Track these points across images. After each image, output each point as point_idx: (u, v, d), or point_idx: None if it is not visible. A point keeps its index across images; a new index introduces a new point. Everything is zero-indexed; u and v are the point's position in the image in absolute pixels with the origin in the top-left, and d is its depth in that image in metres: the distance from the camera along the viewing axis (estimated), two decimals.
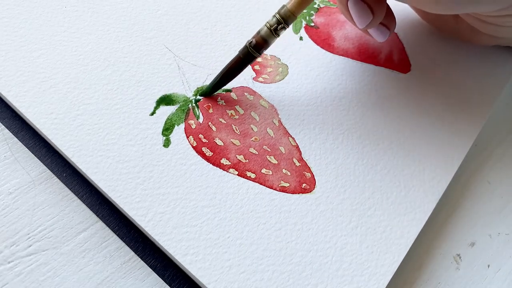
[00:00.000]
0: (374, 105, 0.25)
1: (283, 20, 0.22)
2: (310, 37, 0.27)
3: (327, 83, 0.25)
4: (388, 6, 0.23)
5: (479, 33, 0.26)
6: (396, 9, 0.29)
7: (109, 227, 0.21)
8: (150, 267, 0.20)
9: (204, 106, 0.23)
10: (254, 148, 0.22)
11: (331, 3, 0.29)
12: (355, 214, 0.21)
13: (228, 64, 0.23)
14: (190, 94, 0.24)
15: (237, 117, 0.23)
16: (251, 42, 0.22)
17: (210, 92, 0.24)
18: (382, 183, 0.22)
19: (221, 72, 0.23)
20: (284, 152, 0.22)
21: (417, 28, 0.29)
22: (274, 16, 0.22)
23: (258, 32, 0.22)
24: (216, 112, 0.23)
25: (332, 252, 0.20)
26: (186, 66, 0.25)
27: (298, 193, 0.21)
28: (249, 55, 0.22)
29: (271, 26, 0.22)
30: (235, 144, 0.22)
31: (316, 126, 0.24)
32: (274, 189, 0.21)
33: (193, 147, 0.22)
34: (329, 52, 0.27)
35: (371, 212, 0.21)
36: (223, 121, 0.23)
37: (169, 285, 0.20)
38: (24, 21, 0.25)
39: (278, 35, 0.22)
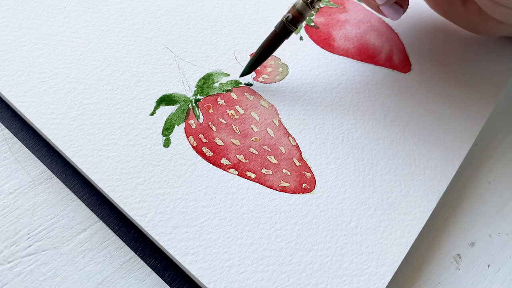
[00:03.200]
0: (374, 105, 0.25)
1: None
2: (310, 37, 0.27)
3: (327, 83, 0.25)
4: None
5: (487, 19, 0.25)
6: None
7: (109, 227, 0.21)
8: (150, 267, 0.20)
9: (204, 106, 0.23)
10: (254, 148, 0.22)
11: (331, 3, 0.29)
12: (355, 214, 0.21)
13: (265, 41, 0.23)
14: (190, 94, 0.24)
15: (237, 117, 0.23)
16: (288, 16, 0.23)
17: (250, 70, 0.24)
18: (382, 183, 0.22)
19: (259, 49, 0.24)
20: (284, 152, 0.22)
21: (417, 28, 0.29)
22: None
23: (294, 6, 0.23)
24: (216, 112, 0.23)
25: (332, 252, 0.20)
26: (186, 66, 0.25)
27: (298, 193, 0.21)
28: (285, 29, 0.23)
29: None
30: (235, 144, 0.22)
31: (316, 126, 0.24)
32: (274, 189, 0.21)
33: (193, 147, 0.22)
34: (329, 52, 0.27)
35: (371, 212, 0.21)
36: (223, 121, 0.23)
37: (169, 285, 0.20)
38: (24, 21, 0.25)
39: (313, 7, 0.23)
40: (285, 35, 0.23)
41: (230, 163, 0.22)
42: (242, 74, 0.24)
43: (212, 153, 0.22)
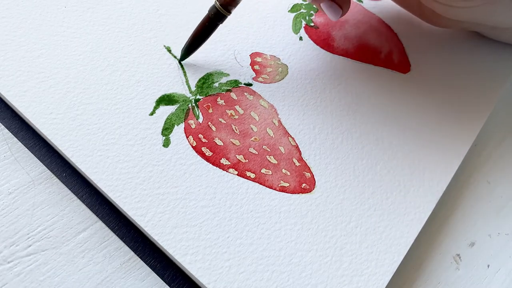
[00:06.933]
0: (374, 105, 0.25)
1: None
2: (310, 37, 0.27)
3: (327, 83, 0.25)
4: None
5: (439, 15, 0.26)
6: (396, 9, 0.29)
7: (108, 227, 0.21)
8: (150, 267, 0.20)
9: (204, 106, 0.23)
10: (253, 148, 0.22)
11: None
12: (355, 214, 0.21)
13: (199, 25, 0.23)
14: (189, 94, 0.24)
15: (236, 117, 0.23)
16: (219, 0, 0.22)
17: (184, 56, 0.24)
18: (382, 183, 0.22)
19: (193, 33, 0.24)
20: (284, 152, 0.22)
21: (417, 28, 0.29)
22: None
23: None
24: (216, 112, 0.23)
25: (332, 252, 0.20)
26: (186, 66, 0.25)
27: (298, 193, 0.21)
28: (218, 14, 0.23)
29: None
30: (234, 144, 0.22)
31: (316, 126, 0.24)
32: (274, 189, 0.21)
33: (192, 147, 0.22)
34: (329, 52, 0.27)
35: (371, 212, 0.21)
36: (222, 121, 0.23)
37: (169, 285, 0.20)
38: (24, 21, 0.25)
39: None
40: (218, 19, 0.23)
41: (229, 163, 0.22)
42: (180, 60, 0.24)
43: (212, 153, 0.22)
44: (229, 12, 0.23)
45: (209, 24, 0.23)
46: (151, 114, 0.23)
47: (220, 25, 0.23)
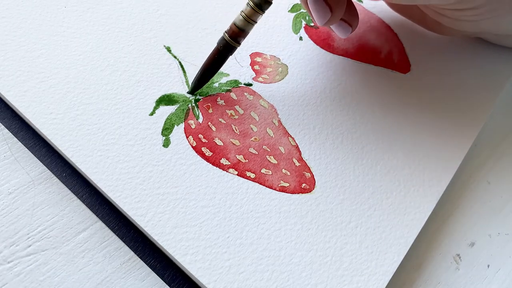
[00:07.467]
0: (374, 105, 0.25)
1: (257, 7, 0.21)
2: (310, 37, 0.27)
3: (327, 83, 0.25)
4: (350, 2, 0.23)
5: (443, 25, 0.26)
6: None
7: (108, 227, 0.21)
8: (150, 267, 0.20)
9: (204, 106, 0.23)
10: (253, 148, 0.22)
11: None
12: (355, 214, 0.21)
13: (209, 57, 0.23)
14: (189, 94, 0.24)
15: (236, 117, 0.23)
16: (228, 32, 0.22)
17: (195, 88, 0.23)
18: (382, 183, 0.22)
19: (203, 66, 0.23)
20: (283, 152, 0.22)
21: (417, 28, 0.29)
22: (248, 4, 0.21)
23: (234, 22, 0.22)
24: (216, 112, 0.23)
25: (332, 252, 0.20)
26: (186, 66, 0.25)
27: (298, 193, 0.21)
28: (228, 46, 0.22)
29: (246, 14, 0.21)
30: (234, 144, 0.22)
31: (316, 126, 0.24)
32: (274, 189, 0.21)
33: (192, 147, 0.22)
34: (329, 52, 0.27)
35: (371, 212, 0.21)
36: (222, 121, 0.23)
37: (169, 285, 0.20)
38: (24, 21, 0.25)
39: (255, 22, 0.22)
40: (228, 51, 0.23)
41: (229, 163, 0.22)
42: (190, 92, 0.23)
43: (212, 153, 0.22)
44: (239, 44, 0.22)
45: (218, 56, 0.23)
46: (151, 114, 0.23)
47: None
